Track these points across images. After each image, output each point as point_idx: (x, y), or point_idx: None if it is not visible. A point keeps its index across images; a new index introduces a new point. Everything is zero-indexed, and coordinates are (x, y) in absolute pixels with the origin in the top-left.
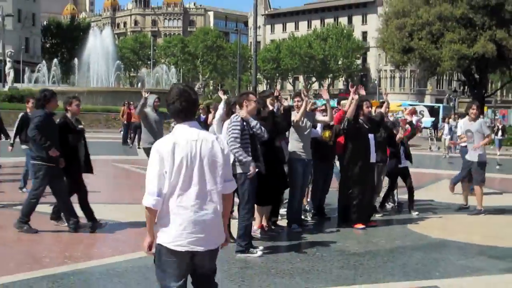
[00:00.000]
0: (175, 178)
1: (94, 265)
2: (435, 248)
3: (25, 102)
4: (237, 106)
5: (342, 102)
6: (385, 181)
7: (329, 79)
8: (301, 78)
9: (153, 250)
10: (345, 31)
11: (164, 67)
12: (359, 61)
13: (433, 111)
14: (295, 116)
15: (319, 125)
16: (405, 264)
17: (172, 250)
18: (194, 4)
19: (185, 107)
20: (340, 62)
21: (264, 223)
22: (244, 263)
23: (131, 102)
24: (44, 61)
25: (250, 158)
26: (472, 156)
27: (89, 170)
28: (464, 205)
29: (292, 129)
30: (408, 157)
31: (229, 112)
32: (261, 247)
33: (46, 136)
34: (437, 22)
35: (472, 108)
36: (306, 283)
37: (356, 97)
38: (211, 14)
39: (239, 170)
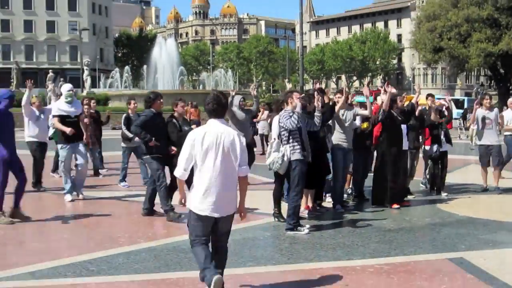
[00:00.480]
0: (203, 158)
1: (163, 243)
2: (461, 224)
3: (101, 104)
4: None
5: (378, 97)
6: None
7: (368, 78)
8: (343, 77)
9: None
10: (381, 34)
11: (222, 71)
12: (395, 61)
13: (458, 104)
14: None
15: (358, 118)
16: (434, 238)
17: (197, 214)
18: (247, 14)
19: (216, 108)
20: (378, 62)
21: (310, 204)
22: (292, 239)
23: (195, 102)
24: (117, 69)
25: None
26: (492, 141)
27: None
28: (485, 187)
29: (335, 121)
30: (449, 141)
31: (278, 109)
32: (307, 226)
33: (151, 132)
34: (464, 24)
35: (485, 99)
36: (347, 255)
37: (392, 90)
38: (262, 22)
39: (293, 157)
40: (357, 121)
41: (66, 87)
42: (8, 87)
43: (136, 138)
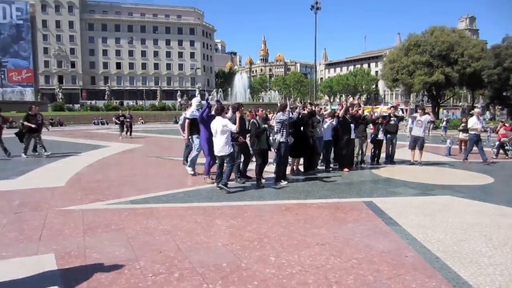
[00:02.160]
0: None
1: (207, 187)
2: (380, 182)
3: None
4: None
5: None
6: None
7: (358, 95)
8: (343, 96)
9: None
10: (366, 70)
11: (273, 92)
12: (373, 86)
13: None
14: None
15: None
16: (360, 189)
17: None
18: (290, 60)
19: (218, 112)
20: (363, 87)
21: (295, 168)
22: (279, 188)
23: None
24: (215, 90)
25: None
26: (419, 133)
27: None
28: (412, 161)
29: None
30: (385, 134)
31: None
32: (285, 182)
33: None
34: (411, 65)
35: (419, 109)
36: (305, 197)
37: (349, 103)
38: (298, 64)
39: (281, 140)
40: (334, 122)
41: (196, 100)
42: (154, 100)
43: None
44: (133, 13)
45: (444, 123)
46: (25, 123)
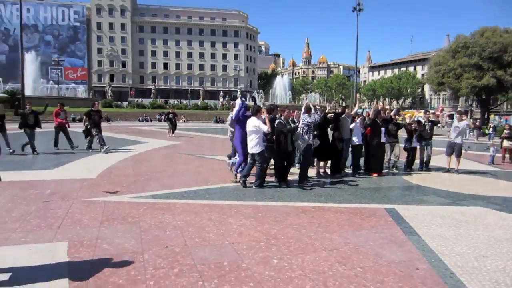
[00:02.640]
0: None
1: (232, 185)
2: (408, 189)
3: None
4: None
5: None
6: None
7: (403, 99)
8: (387, 99)
9: None
10: (411, 74)
11: (313, 94)
12: (419, 90)
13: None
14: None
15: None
16: (385, 195)
17: None
18: (333, 62)
19: (254, 113)
20: (408, 90)
21: (321, 170)
22: (300, 189)
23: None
24: (256, 91)
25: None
26: (456, 140)
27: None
28: (448, 169)
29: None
30: (419, 140)
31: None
32: (309, 184)
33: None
34: (458, 68)
35: (457, 114)
36: (325, 200)
37: (379, 107)
38: (341, 67)
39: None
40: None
41: (239, 101)
42: (197, 99)
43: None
44: (180, 16)
45: (491, 129)
46: (85, 118)
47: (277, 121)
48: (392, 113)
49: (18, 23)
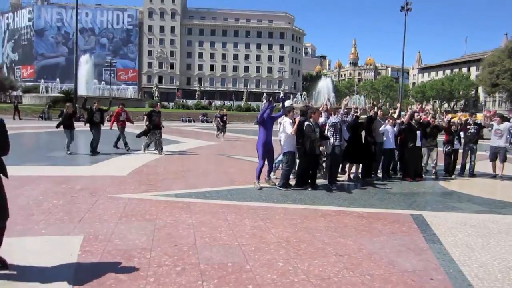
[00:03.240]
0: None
1: (248, 186)
2: (442, 194)
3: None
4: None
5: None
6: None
7: (454, 101)
8: (437, 102)
9: None
10: (464, 75)
11: (358, 96)
12: (473, 92)
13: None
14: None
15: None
16: (415, 201)
17: None
18: (380, 64)
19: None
20: (460, 93)
21: (352, 174)
22: (324, 191)
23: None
24: (299, 92)
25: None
26: (499, 144)
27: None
28: (494, 174)
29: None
30: (460, 142)
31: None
32: (336, 187)
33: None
34: None
35: (497, 116)
36: (349, 204)
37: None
38: (389, 68)
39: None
40: (394, 128)
41: (288, 103)
42: (241, 101)
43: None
44: (228, 18)
45: None
46: (145, 119)
47: (306, 123)
48: (428, 118)
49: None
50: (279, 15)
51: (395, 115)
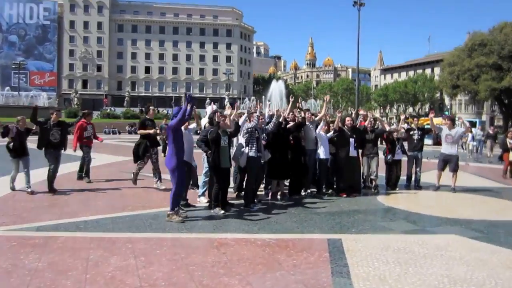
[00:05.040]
0: None
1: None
2: (375, 212)
3: None
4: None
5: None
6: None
7: (419, 105)
8: (401, 106)
9: None
10: (428, 76)
11: (313, 101)
12: (438, 95)
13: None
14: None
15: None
16: (340, 222)
17: None
18: (340, 65)
19: None
20: (425, 95)
21: (276, 191)
22: (239, 216)
23: None
24: (251, 97)
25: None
26: (450, 151)
27: None
28: (438, 186)
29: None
30: (404, 152)
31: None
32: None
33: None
34: (475, 68)
35: (447, 120)
36: (258, 230)
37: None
38: (350, 69)
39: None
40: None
41: (210, 108)
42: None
43: None
44: (166, 14)
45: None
46: (140, 131)
47: (210, 130)
48: (366, 123)
49: None
50: (225, 10)
51: (321, 115)
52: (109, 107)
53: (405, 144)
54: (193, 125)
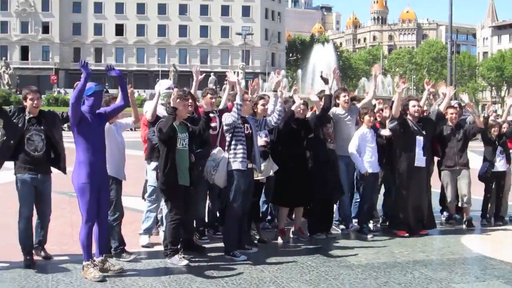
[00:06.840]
0: None
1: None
2: (462, 264)
3: None
4: None
5: None
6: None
7: None
8: None
9: None
10: None
11: (382, 77)
12: None
13: None
14: None
15: None
16: (386, 282)
17: None
18: (427, 20)
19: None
20: None
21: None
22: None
23: None
24: (281, 71)
25: None
26: None
27: None
28: None
29: None
30: (509, 159)
31: None
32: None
33: None
34: None
35: None
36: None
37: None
38: (442, 28)
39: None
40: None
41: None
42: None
43: None
44: None
45: None
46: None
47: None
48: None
49: None
50: None
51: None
52: (59, 88)
53: None
54: (126, 119)
